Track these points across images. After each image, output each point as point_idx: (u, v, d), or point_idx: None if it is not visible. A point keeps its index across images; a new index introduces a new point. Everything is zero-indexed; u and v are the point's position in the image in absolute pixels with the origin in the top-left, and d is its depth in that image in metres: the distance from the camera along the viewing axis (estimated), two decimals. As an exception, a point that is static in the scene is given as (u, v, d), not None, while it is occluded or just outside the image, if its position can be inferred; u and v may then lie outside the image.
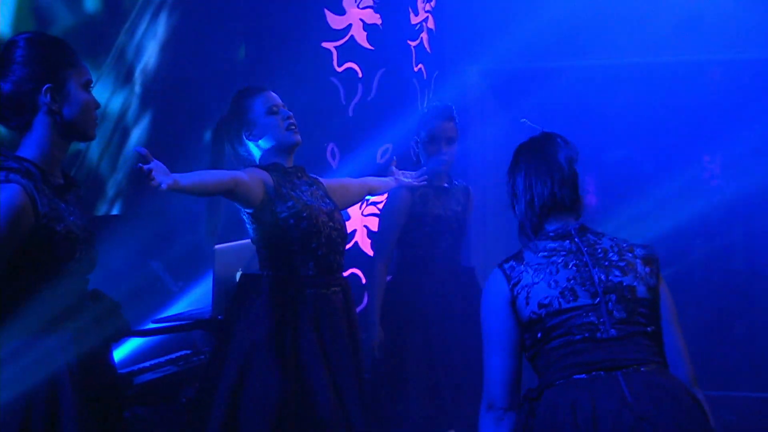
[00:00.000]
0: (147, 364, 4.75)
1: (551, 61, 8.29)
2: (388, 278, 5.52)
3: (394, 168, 5.08)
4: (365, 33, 7.09)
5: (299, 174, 4.31)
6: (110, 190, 5.48)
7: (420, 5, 7.56)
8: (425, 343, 5.31)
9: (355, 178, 4.98)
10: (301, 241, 4.14)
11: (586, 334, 3.15)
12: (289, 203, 4.13)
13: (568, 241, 3.30)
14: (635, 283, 3.29)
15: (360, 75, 7.05)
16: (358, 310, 6.77)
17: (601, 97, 8.38)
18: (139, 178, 3.41)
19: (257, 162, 4.29)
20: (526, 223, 3.39)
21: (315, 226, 4.17)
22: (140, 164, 3.41)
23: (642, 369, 3.16)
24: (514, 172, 3.48)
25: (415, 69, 7.56)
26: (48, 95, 3.15)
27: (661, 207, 7.95)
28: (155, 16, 5.75)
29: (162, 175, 3.46)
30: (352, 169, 6.83)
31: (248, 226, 4.22)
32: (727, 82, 8.09)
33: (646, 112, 8.25)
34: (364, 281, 7.01)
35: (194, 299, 5.33)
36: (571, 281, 3.21)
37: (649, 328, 3.27)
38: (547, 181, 3.42)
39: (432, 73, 7.75)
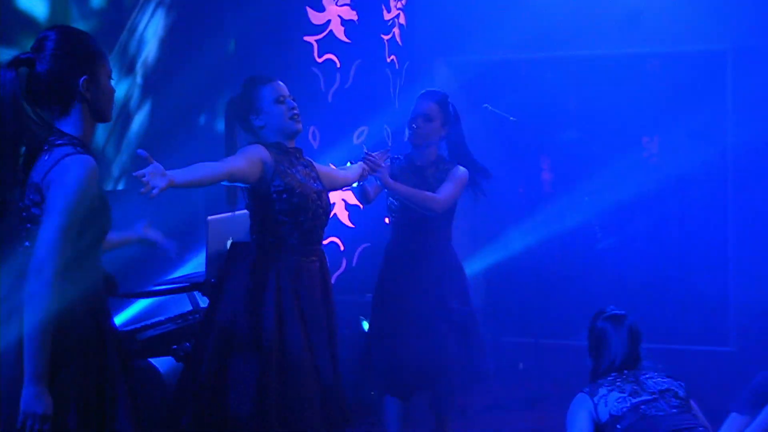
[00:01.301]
0: (149, 322, 4.80)
1: (511, 54, 8.36)
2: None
3: (364, 151, 5.04)
4: (343, 28, 7.13)
5: (297, 155, 4.33)
6: (115, 170, 5.53)
7: (392, 3, 7.59)
8: (395, 305, 5.31)
9: (338, 169, 4.98)
10: (290, 213, 4.17)
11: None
12: (286, 179, 4.16)
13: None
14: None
15: (338, 65, 7.09)
16: (336, 274, 6.91)
17: (555, 85, 8.46)
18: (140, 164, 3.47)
19: (261, 140, 4.28)
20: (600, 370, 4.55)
21: (305, 202, 4.20)
22: (139, 171, 3.45)
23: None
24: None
25: (388, 60, 7.60)
26: (84, 85, 3.24)
27: (606, 183, 8.04)
28: (154, 14, 5.79)
29: (158, 178, 3.48)
30: (331, 149, 6.91)
31: (244, 194, 4.26)
32: (664, 72, 8.18)
33: (594, 99, 8.34)
34: (342, 248, 7.12)
35: (191, 265, 5.42)
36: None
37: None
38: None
39: (403, 64, 7.79)
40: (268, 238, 4.20)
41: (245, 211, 4.31)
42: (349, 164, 5.01)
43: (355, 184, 5.04)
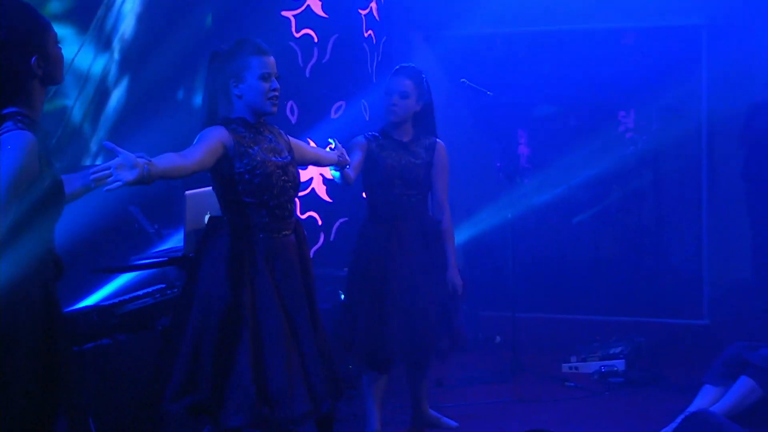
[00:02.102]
0: (127, 296, 4.81)
1: (488, 28, 8.37)
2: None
3: (338, 145, 5.02)
4: (320, 2, 7.10)
5: (261, 128, 4.25)
6: (93, 146, 5.53)
7: (370, -22, 7.61)
8: (376, 279, 5.31)
9: (312, 147, 4.97)
10: (254, 193, 4.14)
11: None
12: (245, 160, 4.10)
13: None
14: None
15: (316, 40, 7.08)
16: (314, 248, 6.93)
17: (532, 60, 8.48)
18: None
19: (232, 107, 4.22)
20: None
21: (268, 180, 4.15)
22: (101, 165, 3.45)
23: None
24: None
25: (366, 35, 7.59)
26: (36, 64, 3.17)
27: (583, 156, 8.08)
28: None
29: (125, 171, 3.48)
30: (309, 124, 6.92)
31: (210, 177, 4.25)
32: (639, 47, 8.21)
33: (570, 74, 8.35)
34: (320, 223, 7.14)
35: (169, 240, 5.41)
36: None
37: None
38: None
39: (381, 38, 7.79)
40: (236, 219, 4.18)
41: None
42: (331, 146, 4.99)
43: (334, 173, 5.03)
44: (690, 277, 7.85)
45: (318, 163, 4.89)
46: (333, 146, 4.94)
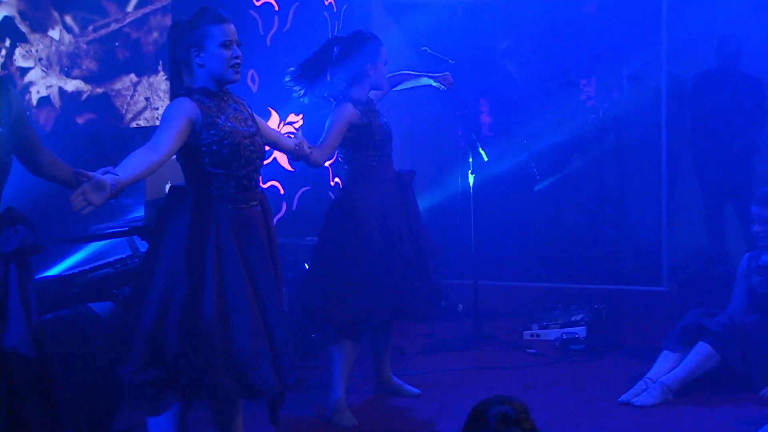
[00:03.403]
0: (87, 266, 4.80)
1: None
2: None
3: (300, 135, 5.01)
4: (281, -30, 7.11)
5: (225, 97, 4.21)
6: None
7: (330, -56, 7.58)
8: (374, 239, 5.34)
9: (272, 128, 4.94)
10: (222, 164, 4.11)
11: None
12: (213, 131, 4.07)
13: None
14: None
15: (276, 8, 7.05)
16: (276, 218, 6.93)
17: (494, 28, 8.49)
18: None
19: (194, 77, 4.16)
20: None
21: (236, 150, 4.12)
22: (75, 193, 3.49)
23: None
24: None
25: (326, 3, 7.57)
26: None
27: (545, 124, 8.12)
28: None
29: (94, 194, 3.55)
30: (270, 92, 6.90)
31: None
32: (601, 15, 8.24)
33: (531, 42, 8.38)
34: (282, 192, 7.13)
35: (129, 209, 5.39)
36: None
37: None
38: None
39: (341, 6, 7.77)
40: (203, 191, 4.13)
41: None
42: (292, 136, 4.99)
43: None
44: (649, 245, 7.92)
45: (275, 146, 4.84)
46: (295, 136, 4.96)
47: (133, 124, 5.87)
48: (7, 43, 5.05)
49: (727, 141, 7.65)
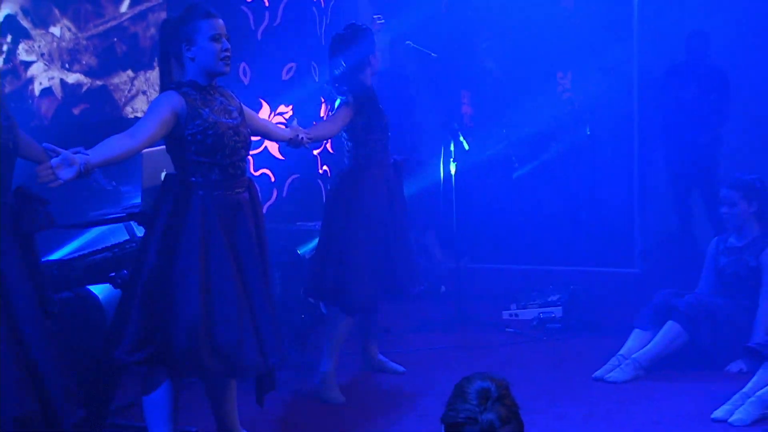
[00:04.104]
0: (87, 251, 4.78)
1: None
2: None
3: (295, 124, 5.01)
4: (271, -32, 7.06)
5: (211, 90, 4.19)
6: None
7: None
8: (375, 221, 5.38)
9: (263, 119, 4.93)
10: (207, 153, 4.09)
11: None
12: (198, 122, 4.05)
13: None
14: None
15: (267, 4, 6.99)
16: (267, 204, 6.91)
17: (475, 23, 8.48)
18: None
19: (185, 70, 4.16)
20: None
21: (220, 141, 4.10)
22: (42, 165, 3.46)
23: None
24: None
25: (315, -1, 7.57)
26: None
27: (523, 114, 8.11)
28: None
29: (64, 170, 3.52)
30: (261, 85, 6.87)
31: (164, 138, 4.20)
32: (576, 11, 8.23)
33: (512, 36, 8.37)
34: (272, 179, 7.11)
35: (127, 196, 5.36)
36: None
37: None
38: None
39: (329, 2, 7.73)
40: (189, 177, 4.13)
41: None
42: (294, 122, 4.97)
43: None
44: (622, 229, 7.92)
45: (267, 136, 4.84)
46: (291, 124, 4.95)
47: (131, 116, 5.84)
48: (9, 38, 5.01)
49: (694, 130, 7.64)
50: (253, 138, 4.43)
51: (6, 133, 3.49)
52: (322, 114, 7.32)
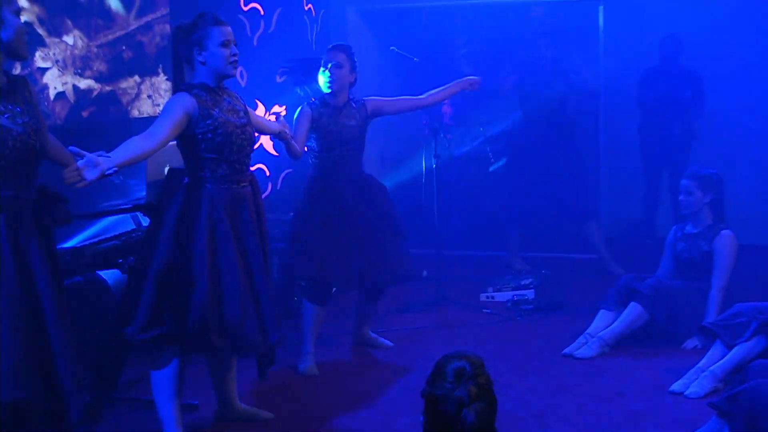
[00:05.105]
0: (96, 239, 4.76)
1: (414, 3, 8.35)
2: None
3: (282, 121, 5.01)
4: (266, -21, 7.05)
5: (220, 92, 4.20)
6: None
7: (309, -43, 7.52)
8: (321, 226, 5.37)
9: (258, 115, 4.92)
10: (215, 150, 4.10)
11: None
12: (208, 121, 4.06)
13: None
14: None
15: (262, 13, 6.99)
16: (263, 196, 6.88)
17: (453, 30, 8.48)
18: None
19: (195, 73, 4.17)
20: None
21: (228, 139, 4.11)
22: (69, 168, 3.46)
23: None
24: None
25: (306, 8, 7.53)
26: None
27: (495, 113, 8.10)
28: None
29: (89, 170, 3.50)
30: (257, 87, 6.85)
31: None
32: (547, 19, 8.20)
33: (487, 42, 8.37)
34: (268, 174, 7.10)
35: (133, 189, 5.35)
36: None
37: None
38: None
39: (319, 11, 7.72)
40: (199, 173, 4.13)
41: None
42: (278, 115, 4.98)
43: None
44: (590, 218, 7.91)
45: (261, 131, 4.83)
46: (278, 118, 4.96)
47: (137, 116, 5.82)
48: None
49: (667, 127, 7.63)
50: (253, 133, 4.42)
51: (35, 134, 3.48)
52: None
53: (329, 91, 5.36)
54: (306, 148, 5.39)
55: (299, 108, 5.37)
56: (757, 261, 6.76)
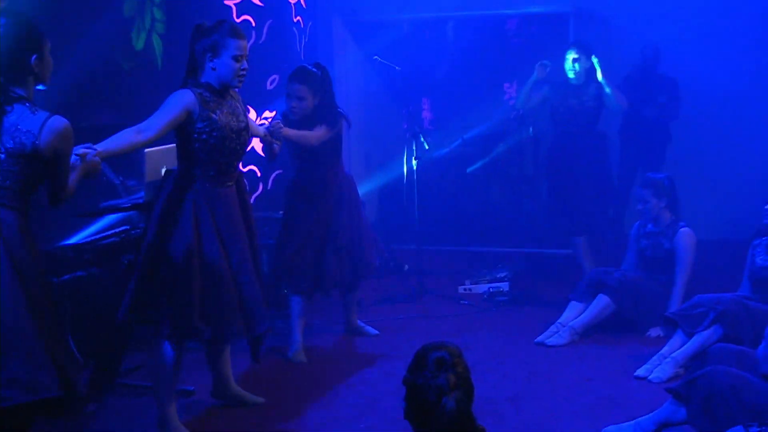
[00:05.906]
0: (97, 236, 4.73)
1: (397, 15, 8.34)
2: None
3: (273, 123, 4.97)
4: (257, -7, 7.01)
5: (224, 93, 4.13)
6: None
7: (298, -28, 7.49)
8: (308, 220, 5.39)
9: (251, 120, 4.91)
10: (208, 152, 4.05)
11: None
12: (206, 123, 4.00)
13: None
14: None
15: (253, 24, 6.94)
16: (254, 195, 6.86)
17: (433, 40, 8.46)
18: None
19: (204, 72, 4.08)
20: None
21: (221, 143, 4.05)
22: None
23: None
24: None
25: (295, 20, 7.49)
26: (35, 63, 3.36)
27: (474, 118, 8.10)
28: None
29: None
30: (248, 94, 6.79)
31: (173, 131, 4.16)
32: (520, 30, 8.24)
33: (465, 51, 8.36)
34: (259, 174, 7.07)
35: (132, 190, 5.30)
36: None
37: None
38: None
39: (307, 23, 7.70)
40: (190, 169, 4.09)
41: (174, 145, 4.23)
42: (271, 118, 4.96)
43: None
44: (560, 215, 7.89)
45: (256, 135, 4.81)
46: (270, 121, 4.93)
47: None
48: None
49: (644, 129, 7.61)
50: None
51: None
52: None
53: (291, 120, 5.30)
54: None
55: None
56: (714, 254, 6.78)
